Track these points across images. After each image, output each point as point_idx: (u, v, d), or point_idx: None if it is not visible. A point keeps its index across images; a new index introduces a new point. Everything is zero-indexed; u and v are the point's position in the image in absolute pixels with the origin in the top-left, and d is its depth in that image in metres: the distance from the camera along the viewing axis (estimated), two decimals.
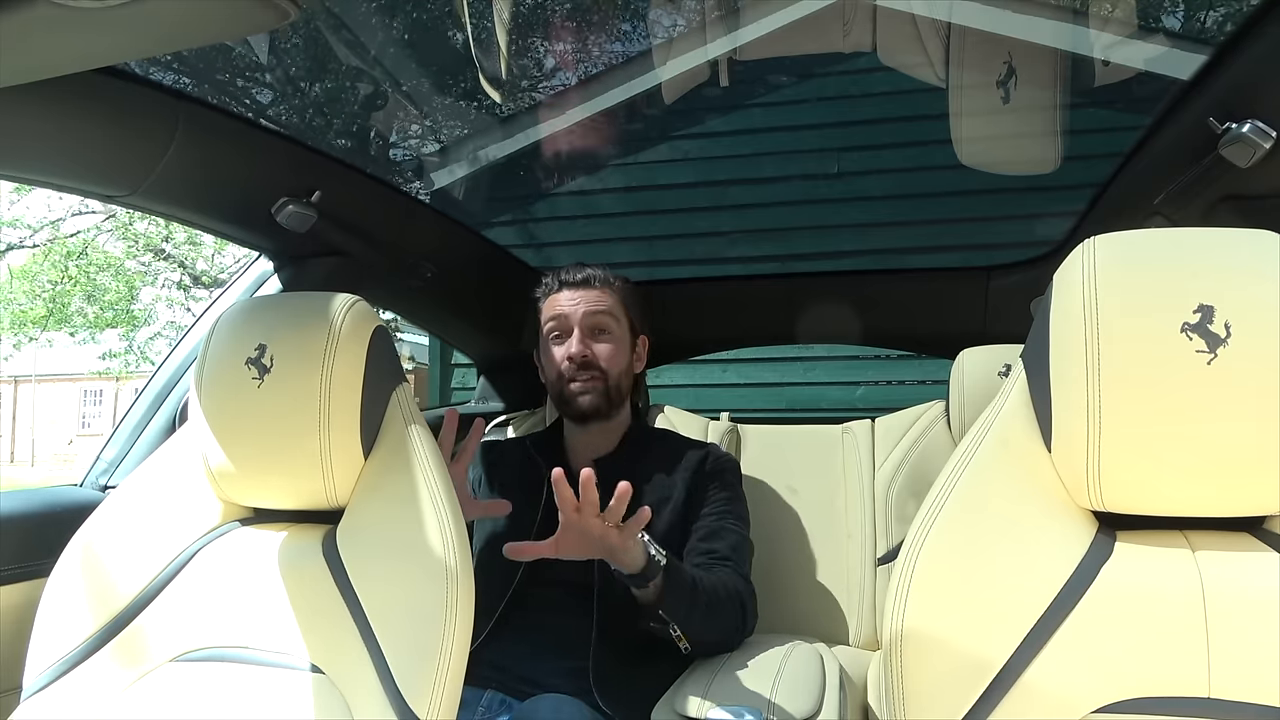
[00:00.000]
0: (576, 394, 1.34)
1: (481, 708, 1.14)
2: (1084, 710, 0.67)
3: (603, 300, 1.37)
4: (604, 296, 1.37)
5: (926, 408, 1.71)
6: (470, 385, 2.32)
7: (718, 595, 1.15)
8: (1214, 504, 0.69)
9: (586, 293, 1.37)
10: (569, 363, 1.34)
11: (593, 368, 1.34)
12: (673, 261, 3.77)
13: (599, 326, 1.36)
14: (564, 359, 1.35)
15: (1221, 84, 0.99)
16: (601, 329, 1.37)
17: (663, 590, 1.07)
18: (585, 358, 1.34)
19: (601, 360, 1.35)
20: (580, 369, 1.34)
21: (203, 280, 10.95)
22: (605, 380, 1.35)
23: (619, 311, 1.39)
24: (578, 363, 1.34)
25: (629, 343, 1.40)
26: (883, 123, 3.62)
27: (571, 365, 1.34)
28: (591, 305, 1.36)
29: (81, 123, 0.95)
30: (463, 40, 2.13)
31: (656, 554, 1.07)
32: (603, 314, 1.36)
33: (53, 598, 0.92)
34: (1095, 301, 0.68)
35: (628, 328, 1.40)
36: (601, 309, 1.36)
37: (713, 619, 1.14)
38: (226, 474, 0.89)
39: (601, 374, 1.35)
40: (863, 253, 3.62)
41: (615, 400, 1.37)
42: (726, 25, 2.69)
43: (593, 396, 1.34)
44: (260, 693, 0.82)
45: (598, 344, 1.36)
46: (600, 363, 1.35)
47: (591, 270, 1.39)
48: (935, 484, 0.77)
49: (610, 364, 1.36)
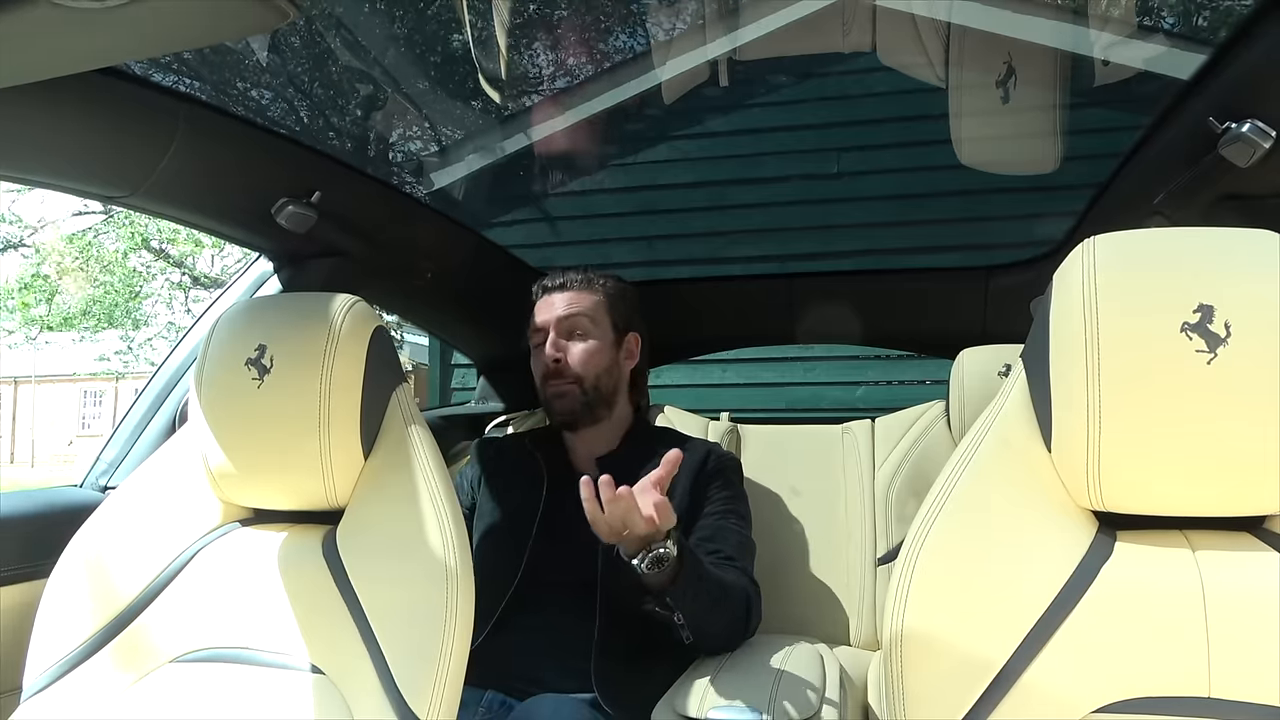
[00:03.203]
0: (552, 398, 1.35)
1: (481, 708, 1.14)
2: (1084, 710, 0.67)
3: (577, 302, 1.37)
4: (579, 298, 1.37)
5: (926, 408, 1.71)
6: (470, 385, 2.32)
7: (725, 590, 1.14)
8: (1214, 504, 0.69)
9: (562, 295, 1.37)
10: (543, 364, 1.35)
11: (566, 373, 1.34)
12: (673, 261, 3.76)
13: (573, 328, 1.36)
14: (542, 364, 1.36)
15: (1221, 84, 0.99)
16: (576, 330, 1.36)
17: (676, 573, 1.03)
18: (557, 361, 1.34)
19: (575, 363, 1.34)
20: (555, 375, 1.34)
21: (202, 281, 10.95)
22: (580, 384, 1.34)
23: (597, 311, 1.38)
24: (550, 368, 1.34)
25: (611, 341, 1.39)
26: (883, 123, 3.62)
27: (544, 367, 1.35)
28: (565, 309, 1.36)
29: (82, 123, 0.95)
30: (463, 40, 2.13)
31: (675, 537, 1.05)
32: (576, 316, 1.36)
33: (53, 598, 0.92)
34: (1095, 301, 0.68)
35: (609, 326, 1.39)
36: (575, 311, 1.36)
37: (718, 613, 1.13)
38: (226, 474, 0.89)
39: (576, 378, 1.34)
40: (863, 253, 3.61)
41: (596, 402, 1.36)
42: (726, 25, 2.69)
43: (567, 401, 1.34)
44: (260, 693, 0.82)
45: (572, 346, 1.35)
46: (574, 366, 1.34)
47: (571, 274, 1.40)
48: (935, 484, 0.77)
49: (585, 366, 1.35)
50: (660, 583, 1.04)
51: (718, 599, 1.12)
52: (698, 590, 1.08)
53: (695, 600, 1.08)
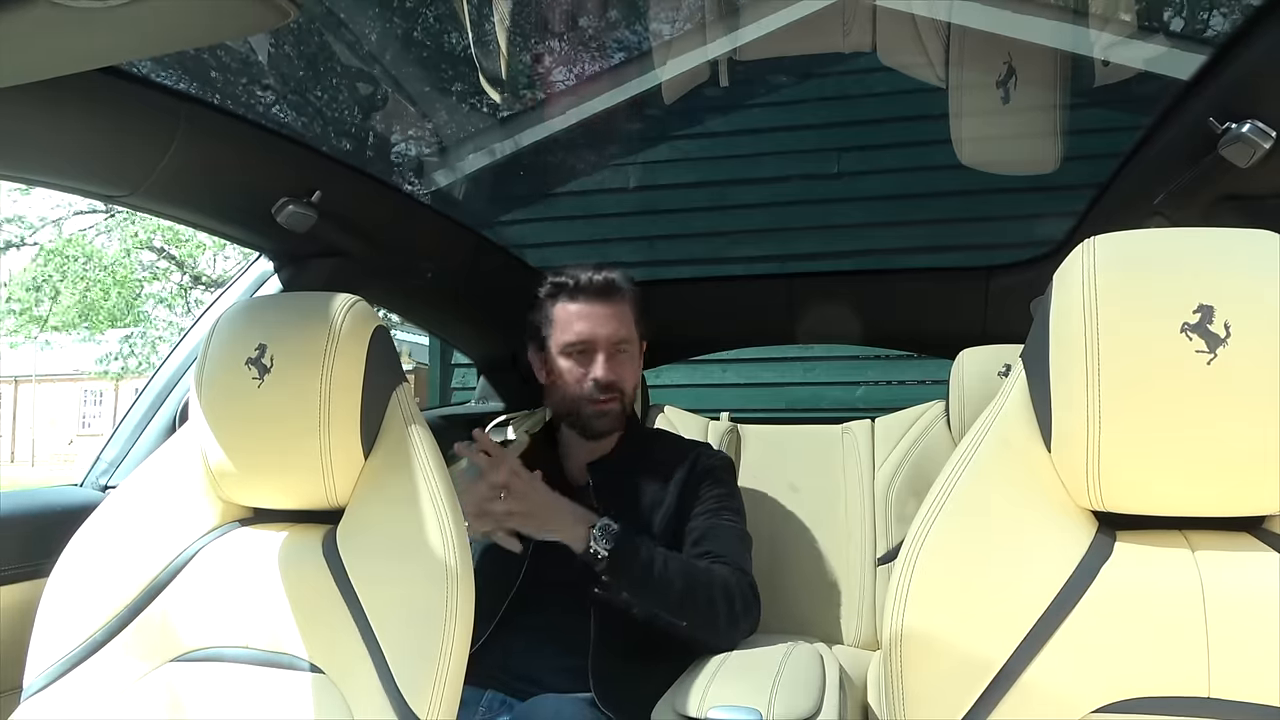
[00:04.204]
0: (596, 416, 1.32)
1: (482, 708, 1.14)
2: (1084, 710, 0.67)
3: (623, 319, 1.34)
4: (623, 313, 1.34)
5: (926, 408, 1.71)
6: (470, 385, 2.32)
7: (692, 578, 1.17)
8: (1214, 504, 0.69)
9: (609, 308, 1.33)
10: (593, 384, 1.31)
11: (614, 389, 1.33)
12: (673, 261, 3.77)
13: (621, 347, 1.34)
14: (586, 380, 1.32)
15: (1221, 84, 0.99)
16: (622, 347, 1.34)
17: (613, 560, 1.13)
18: (611, 382, 1.32)
19: (622, 382, 1.33)
20: (604, 394, 1.32)
21: (203, 281, 10.95)
22: (622, 399, 1.34)
23: (634, 324, 1.37)
24: (603, 386, 1.32)
25: (639, 350, 1.39)
26: (883, 123, 3.62)
27: (595, 388, 1.31)
28: (617, 328, 1.33)
29: (82, 123, 0.95)
30: (463, 40, 2.13)
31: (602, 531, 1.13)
32: (626, 336, 1.34)
33: (53, 598, 0.92)
34: (1095, 301, 0.68)
35: (638, 336, 1.38)
36: (624, 333, 1.34)
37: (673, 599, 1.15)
38: (226, 474, 0.89)
39: (620, 394, 1.34)
40: (863, 253, 3.61)
41: (628, 413, 1.37)
42: (726, 25, 2.69)
43: (610, 419, 1.34)
44: (260, 693, 0.82)
45: (619, 364, 1.34)
46: (621, 385, 1.33)
47: (609, 274, 1.35)
48: (935, 484, 0.77)
49: (629, 382, 1.35)
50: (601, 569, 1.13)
51: (684, 591, 1.15)
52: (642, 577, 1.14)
53: (641, 587, 1.14)
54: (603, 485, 1.31)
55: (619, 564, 1.13)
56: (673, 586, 1.15)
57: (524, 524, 1.16)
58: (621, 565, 1.13)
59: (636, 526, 1.26)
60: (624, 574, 1.14)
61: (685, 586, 1.15)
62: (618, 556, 1.13)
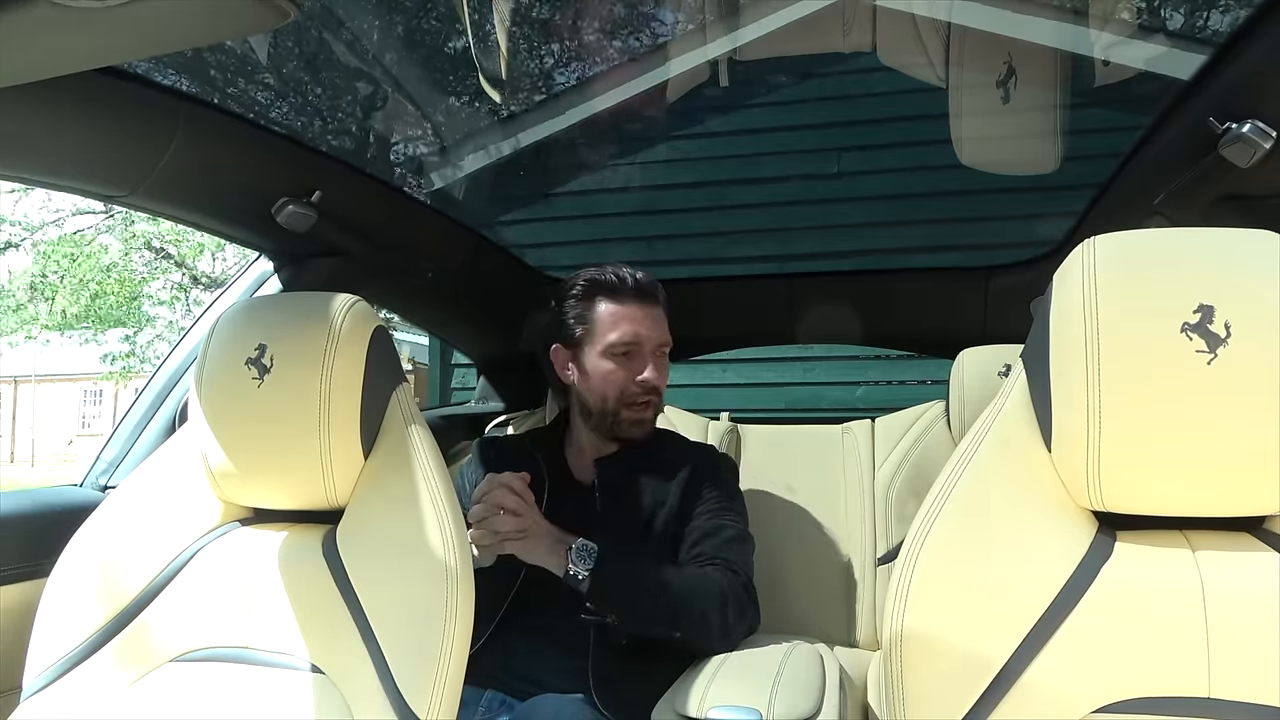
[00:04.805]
0: (635, 419, 1.32)
1: (481, 708, 1.14)
2: (1084, 710, 0.67)
3: (664, 319, 1.35)
4: (663, 314, 1.35)
5: (926, 408, 1.71)
6: (470, 385, 2.32)
7: (683, 588, 1.16)
8: (1214, 504, 0.69)
9: (655, 309, 1.33)
10: (637, 386, 1.31)
11: (657, 392, 1.33)
12: (673, 261, 3.76)
13: (664, 350, 1.34)
14: (631, 381, 1.31)
15: (1221, 84, 0.99)
16: (665, 351, 1.35)
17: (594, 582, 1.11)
18: (657, 386, 1.32)
19: (663, 384, 1.34)
20: (646, 392, 1.32)
21: (202, 280, 10.94)
22: (659, 401, 1.35)
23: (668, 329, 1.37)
24: (649, 389, 1.31)
25: None
26: (883, 123, 3.61)
27: (640, 390, 1.31)
28: (663, 331, 1.33)
29: (81, 123, 0.95)
30: (463, 40, 2.13)
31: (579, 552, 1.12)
32: (668, 338, 1.34)
33: (53, 598, 0.92)
34: (1095, 301, 0.68)
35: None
36: (667, 334, 1.34)
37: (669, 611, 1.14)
38: (226, 474, 0.89)
39: (659, 396, 1.34)
40: (863, 253, 3.61)
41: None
42: (726, 25, 2.69)
43: (648, 422, 1.35)
44: (260, 693, 0.83)
45: (663, 367, 1.34)
46: (662, 387, 1.34)
47: (647, 277, 1.34)
48: (935, 484, 0.77)
49: (664, 384, 1.35)
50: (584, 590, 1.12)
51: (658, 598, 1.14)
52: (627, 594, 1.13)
53: (628, 604, 1.13)
54: (608, 484, 1.31)
55: (601, 584, 1.12)
56: (661, 599, 1.14)
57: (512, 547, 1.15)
58: (604, 585, 1.12)
59: (637, 527, 1.26)
60: (608, 593, 1.13)
61: (675, 598, 1.15)
62: (599, 577, 1.11)
